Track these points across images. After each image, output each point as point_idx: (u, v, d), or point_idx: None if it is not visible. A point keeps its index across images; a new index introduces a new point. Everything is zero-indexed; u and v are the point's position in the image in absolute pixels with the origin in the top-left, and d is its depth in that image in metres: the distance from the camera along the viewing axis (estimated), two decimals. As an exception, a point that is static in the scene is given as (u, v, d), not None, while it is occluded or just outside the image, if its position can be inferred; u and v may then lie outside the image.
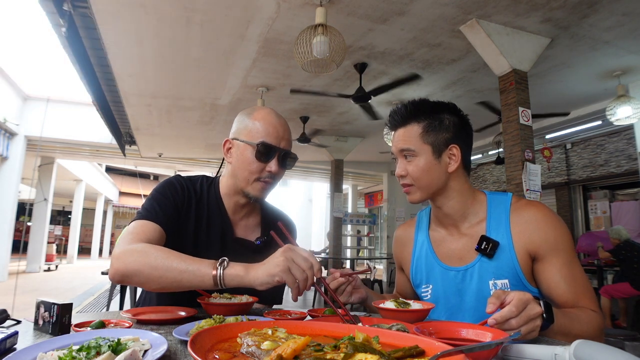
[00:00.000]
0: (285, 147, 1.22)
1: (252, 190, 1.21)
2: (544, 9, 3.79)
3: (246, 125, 1.23)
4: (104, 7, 3.90)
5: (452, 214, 1.18)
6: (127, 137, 8.95)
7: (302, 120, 7.30)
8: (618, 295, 5.10)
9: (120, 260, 1.01)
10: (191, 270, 0.95)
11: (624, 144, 7.61)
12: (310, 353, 0.49)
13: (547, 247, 1.07)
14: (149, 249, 1.02)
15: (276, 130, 1.20)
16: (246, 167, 1.20)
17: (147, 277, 0.98)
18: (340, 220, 9.05)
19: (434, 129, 1.14)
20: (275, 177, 1.22)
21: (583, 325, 0.97)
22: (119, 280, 1.02)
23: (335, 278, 1.08)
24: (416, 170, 1.14)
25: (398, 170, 1.19)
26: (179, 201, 1.21)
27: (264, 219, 1.37)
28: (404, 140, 1.16)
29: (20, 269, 11.41)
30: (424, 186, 1.15)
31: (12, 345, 0.68)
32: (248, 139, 1.20)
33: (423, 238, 1.28)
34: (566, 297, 1.04)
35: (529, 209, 1.13)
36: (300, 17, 3.92)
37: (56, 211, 23.33)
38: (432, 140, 1.14)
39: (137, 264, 0.99)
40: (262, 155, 1.18)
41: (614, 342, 2.82)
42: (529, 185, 3.79)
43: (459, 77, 5.41)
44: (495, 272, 1.09)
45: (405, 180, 1.18)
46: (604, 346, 0.59)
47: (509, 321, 0.79)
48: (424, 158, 1.14)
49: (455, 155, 1.15)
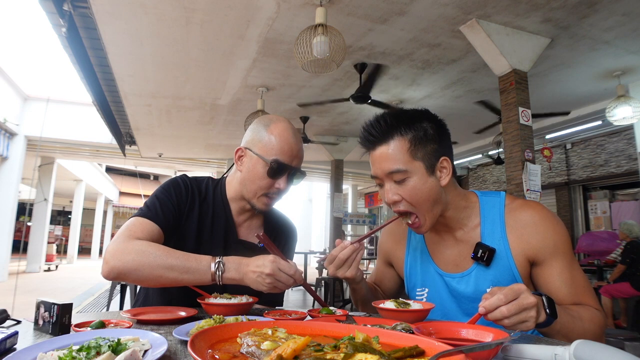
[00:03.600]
0: (296, 165, 1.21)
1: (258, 203, 1.23)
2: (544, 9, 3.79)
3: (262, 137, 1.20)
4: (103, 7, 3.90)
5: (448, 223, 1.13)
6: (127, 137, 8.96)
7: (302, 120, 7.30)
8: (618, 295, 5.09)
9: (116, 257, 1.01)
10: (191, 270, 1.02)
11: (624, 144, 7.61)
12: (310, 353, 0.49)
13: (546, 251, 1.04)
14: (147, 247, 1.02)
15: (291, 148, 1.19)
16: (256, 181, 1.20)
17: (146, 276, 1.00)
18: (340, 220, 9.05)
19: (420, 141, 1.01)
20: (282, 192, 1.22)
21: (585, 323, 0.95)
22: (114, 278, 1.02)
23: (345, 247, 1.06)
24: (413, 193, 1.01)
25: (390, 196, 1.03)
26: (183, 201, 1.22)
27: (267, 222, 1.38)
28: (392, 159, 1.01)
29: (20, 269, 11.41)
30: (427, 210, 1.03)
31: (12, 345, 0.68)
32: (262, 153, 1.18)
33: (417, 241, 1.24)
34: (568, 300, 1.02)
35: (524, 210, 1.08)
36: (300, 17, 3.92)
37: (56, 211, 23.35)
38: (422, 154, 1.01)
39: (135, 262, 1.00)
40: (274, 173, 1.18)
41: (614, 342, 2.82)
42: (529, 186, 3.79)
43: (459, 77, 5.41)
44: (492, 279, 1.06)
45: (401, 206, 1.04)
46: (604, 346, 0.59)
47: (500, 309, 0.78)
48: (418, 177, 1.01)
49: (447, 168, 1.05)
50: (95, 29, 4.34)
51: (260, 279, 1.01)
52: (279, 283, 1.02)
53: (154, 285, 1.04)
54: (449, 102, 6.27)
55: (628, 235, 5.24)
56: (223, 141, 9.12)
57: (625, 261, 5.10)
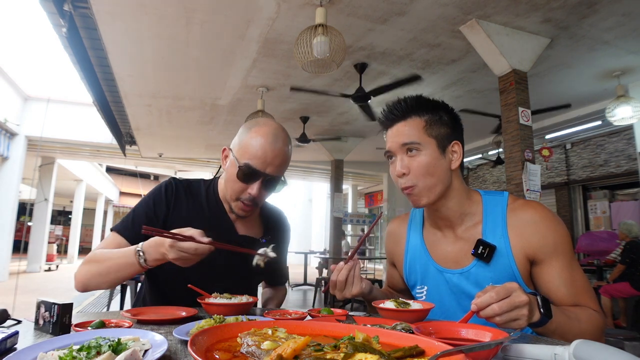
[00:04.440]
0: (271, 172, 1.16)
1: (235, 207, 1.23)
2: (543, 9, 3.79)
3: (242, 140, 1.20)
4: (104, 7, 3.90)
5: (450, 216, 1.13)
6: (127, 137, 8.96)
7: (302, 120, 7.30)
8: (618, 295, 5.09)
9: (78, 274, 1.15)
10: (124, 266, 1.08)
11: (624, 144, 7.61)
12: (310, 353, 0.49)
13: (546, 250, 1.03)
14: (92, 257, 1.14)
15: (265, 154, 1.15)
16: (230, 183, 1.20)
17: (100, 282, 1.12)
18: (340, 220, 9.05)
19: (436, 123, 1.09)
20: (256, 200, 1.20)
21: (582, 324, 0.95)
22: (82, 291, 1.15)
23: (340, 269, 1.05)
24: (420, 166, 1.06)
25: (398, 168, 1.08)
26: (163, 206, 1.24)
27: (263, 216, 1.39)
28: (407, 134, 1.08)
29: (20, 269, 11.41)
30: (429, 186, 1.07)
31: (13, 345, 0.68)
32: (237, 156, 1.18)
33: (416, 238, 1.24)
34: (567, 300, 1.02)
35: (526, 210, 1.08)
36: (300, 17, 3.92)
37: (57, 211, 23.35)
38: (436, 133, 1.08)
39: (89, 274, 1.12)
40: (244, 177, 1.16)
41: (614, 342, 2.82)
42: (529, 186, 3.79)
43: (459, 77, 5.41)
44: (492, 276, 1.06)
45: (406, 180, 1.08)
46: (604, 346, 0.59)
47: (491, 306, 0.79)
48: (429, 152, 1.07)
49: (457, 152, 1.11)
50: (95, 29, 4.34)
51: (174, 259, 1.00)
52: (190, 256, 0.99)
53: (114, 286, 1.14)
54: (449, 102, 6.08)
55: (627, 235, 5.24)
56: (223, 141, 9.12)
57: (624, 261, 5.10)
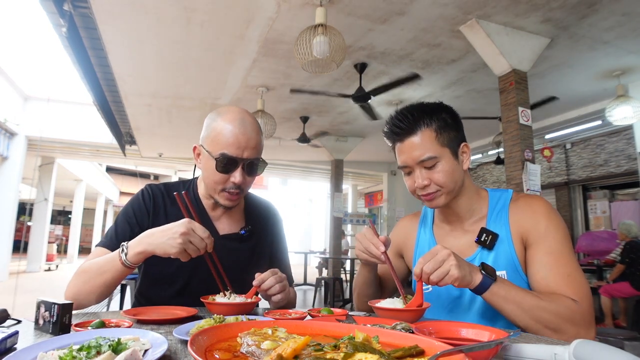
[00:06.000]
0: (249, 156, 1.15)
1: (221, 199, 1.21)
2: (543, 9, 3.79)
3: (209, 132, 1.19)
4: (104, 7, 3.90)
5: (460, 211, 1.18)
6: (127, 137, 8.95)
7: (302, 120, 7.29)
8: (618, 295, 5.09)
9: (67, 289, 1.12)
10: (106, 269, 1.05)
11: (624, 144, 7.61)
12: (310, 353, 0.49)
13: (536, 234, 1.07)
14: (78, 270, 1.12)
15: (237, 140, 1.13)
16: (210, 177, 1.18)
17: (88, 292, 1.07)
18: (340, 220, 9.05)
19: (444, 129, 1.11)
20: (241, 187, 1.19)
21: (543, 301, 0.95)
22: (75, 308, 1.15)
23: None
24: (443, 176, 1.09)
25: (420, 181, 1.11)
26: (143, 213, 1.24)
27: (247, 209, 1.38)
28: (422, 149, 1.09)
29: (20, 269, 11.41)
30: (450, 190, 1.11)
31: (13, 345, 0.68)
32: (210, 149, 1.16)
33: (427, 235, 1.28)
34: (544, 283, 1.02)
35: (527, 199, 1.15)
36: (300, 17, 3.92)
37: (56, 211, 23.34)
38: (448, 141, 1.11)
39: (76, 288, 1.09)
40: (224, 168, 1.15)
41: (613, 342, 2.82)
42: (529, 185, 3.79)
43: (458, 77, 5.41)
44: (494, 263, 1.09)
45: (428, 189, 1.12)
46: (604, 346, 0.60)
47: (422, 269, 0.92)
48: (446, 161, 1.10)
49: (466, 153, 1.15)
50: (95, 29, 4.34)
51: (172, 240, 0.98)
52: (191, 246, 0.99)
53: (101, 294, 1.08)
54: (449, 102, 6.04)
55: (627, 235, 5.24)
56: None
57: (624, 261, 5.10)
